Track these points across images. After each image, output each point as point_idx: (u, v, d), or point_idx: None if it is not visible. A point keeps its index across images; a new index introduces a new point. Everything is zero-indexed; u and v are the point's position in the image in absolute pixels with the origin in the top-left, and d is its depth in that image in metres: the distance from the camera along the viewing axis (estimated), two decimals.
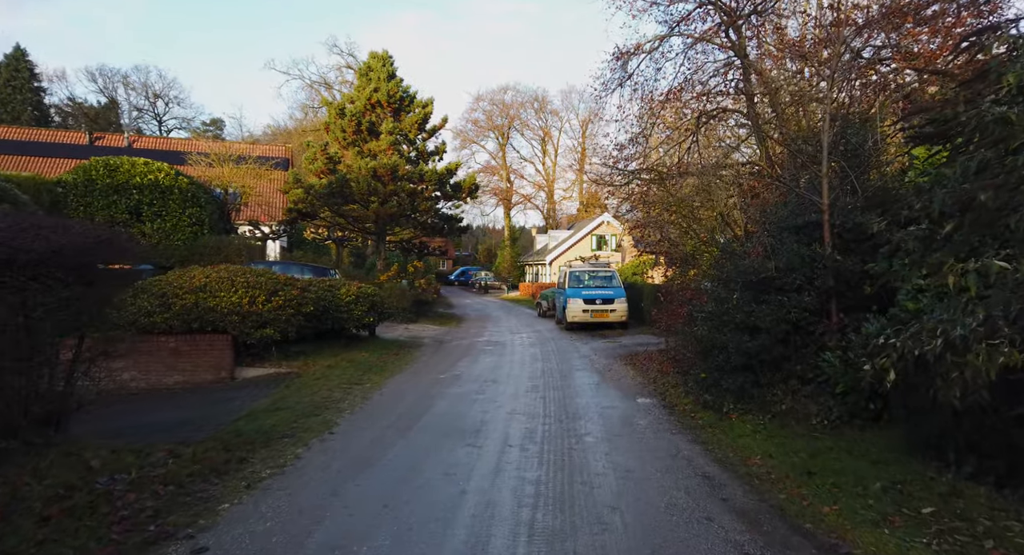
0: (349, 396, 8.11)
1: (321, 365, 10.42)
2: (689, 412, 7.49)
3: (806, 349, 6.93)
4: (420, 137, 21.80)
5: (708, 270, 9.84)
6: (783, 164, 8.39)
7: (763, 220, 7.41)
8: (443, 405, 7.82)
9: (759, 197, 8.62)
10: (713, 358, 7.57)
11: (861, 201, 6.63)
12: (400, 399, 8.12)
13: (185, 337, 9.58)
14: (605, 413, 7.52)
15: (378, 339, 14.06)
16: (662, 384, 9.33)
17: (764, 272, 7.05)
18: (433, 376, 10.05)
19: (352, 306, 12.01)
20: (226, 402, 7.93)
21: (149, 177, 17.40)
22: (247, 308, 9.82)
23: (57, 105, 50.66)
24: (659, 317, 11.64)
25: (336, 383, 8.99)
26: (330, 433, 6.22)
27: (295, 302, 10.46)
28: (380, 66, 20.72)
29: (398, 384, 9.21)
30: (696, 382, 8.07)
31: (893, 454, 5.11)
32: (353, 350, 11.94)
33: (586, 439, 6.24)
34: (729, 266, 7.71)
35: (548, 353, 13.11)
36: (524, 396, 8.42)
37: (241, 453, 5.23)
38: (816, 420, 6.26)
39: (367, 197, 18.41)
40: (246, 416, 6.90)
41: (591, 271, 19.23)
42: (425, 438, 6.19)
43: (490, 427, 6.65)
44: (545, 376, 10.15)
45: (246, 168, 21.07)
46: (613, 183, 11.76)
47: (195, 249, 17.43)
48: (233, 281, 9.92)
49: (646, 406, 7.97)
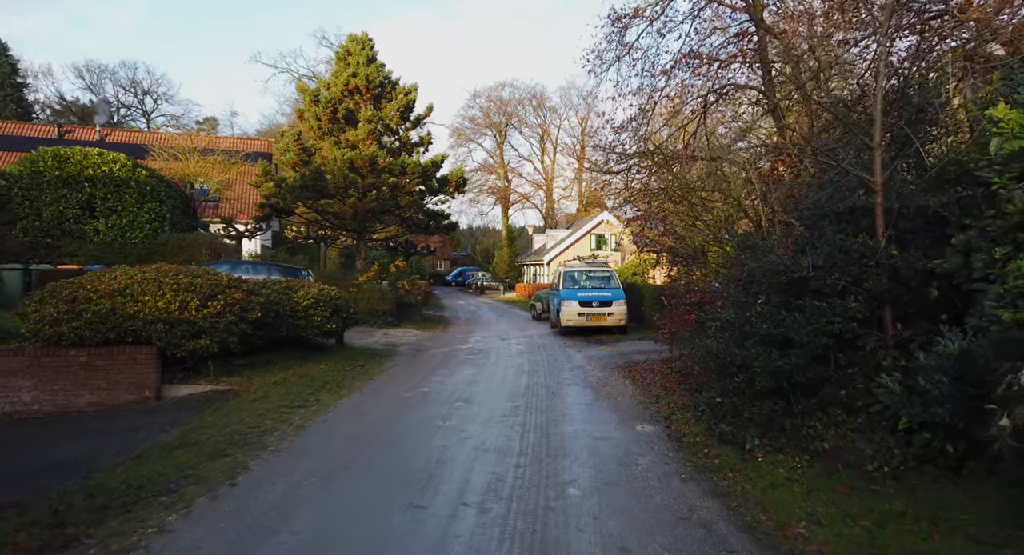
0: (283, 425, 6.61)
1: (267, 381, 8.91)
2: (701, 446, 5.98)
3: (852, 369, 5.43)
4: (403, 127, 20.26)
5: (719, 269, 8.33)
6: (809, 139, 6.89)
7: (794, 207, 5.90)
8: (396, 437, 6.32)
9: (782, 182, 7.11)
10: (731, 378, 6.06)
11: (924, 179, 5.13)
12: (344, 428, 6.62)
13: (101, 350, 8.07)
14: (597, 448, 6.01)
15: (346, 348, 12.55)
16: (667, 405, 7.83)
17: (797, 271, 5.55)
18: (397, 394, 8.55)
19: (311, 311, 10.51)
20: (130, 432, 6.44)
21: (103, 168, 15.92)
22: (176, 315, 8.31)
23: (42, 102, 49.26)
24: (663, 323, 10.15)
25: (275, 405, 7.48)
26: (231, 485, 4.72)
27: (238, 307, 8.95)
28: (359, 49, 19.16)
29: (351, 406, 7.70)
30: (709, 406, 6.57)
31: (1003, 529, 3.60)
32: (312, 362, 10.44)
33: (570, 492, 4.73)
34: (751, 264, 6.20)
35: (537, 363, 11.61)
36: (499, 423, 6.92)
37: (76, 529, 3.72)
38: (873, 466, 4.75)
39: (344, 191, 16.91)
40: (136, 457, 5.40)
41: (588, 271, 17.75)
42: (355, 491, 4.69)
43: (447, 472, 5.15)
44: (529, 393, 8.65)
45: (214, 160, 19.53)
46: (611, 170, 10.26)
47: (154, 247, 15.96)
48: (160, 283, 8.42)
49: (648, 436, 6.46)
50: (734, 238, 6.84)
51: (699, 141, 10.74)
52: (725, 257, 7.72)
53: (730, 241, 7.91)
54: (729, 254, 7.92)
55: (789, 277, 5.57)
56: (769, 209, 7.01)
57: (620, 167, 10.12)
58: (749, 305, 6.15)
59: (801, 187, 6.31)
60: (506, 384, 9.42)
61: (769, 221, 7.07)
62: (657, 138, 10.33)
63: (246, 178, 22.43)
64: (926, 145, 5.23)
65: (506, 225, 55.71)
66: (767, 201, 7.10)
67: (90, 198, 15.88)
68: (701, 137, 10.78)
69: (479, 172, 56.88)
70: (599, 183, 11.48)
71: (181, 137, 21.62)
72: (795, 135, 7.30)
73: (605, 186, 11.51)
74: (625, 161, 9.47)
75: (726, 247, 7.79)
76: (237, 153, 21.35)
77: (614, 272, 18.23)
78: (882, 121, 5.06)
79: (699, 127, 10.77)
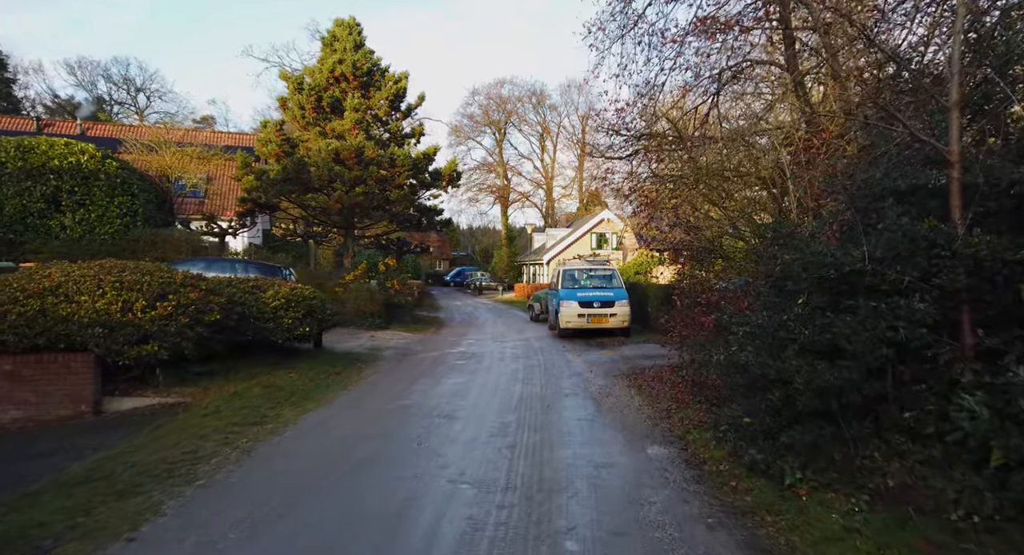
0: (227, 448, 5.55)
1: (225, 392, 7.85)
2: (727, 477, 4.92)
3: (919, 386, 4.36)
4: (393, 117, 19.17)
5: (743, 263, 7.27)
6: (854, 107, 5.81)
7: (842, 187, 4.83)
8: (357, 465, 5.25)
9: (818, 159, 6.03)
10: (763, 394, 5.01)
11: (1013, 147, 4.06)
12: (298, 454, 5.56)
13: (28, 358, 7.02)
14: (601, 479, 4.95)
15: (324, 353, 11.50)
16: (680, 421, 6.77)
17: (849, 264, 4.49)
18: (371, 408, 7.49)
19: (280, 313, 9.46)
20: (44, 458, 5.38)
21: (70, 159, 14.86)
22: (118, 317, 7.26)
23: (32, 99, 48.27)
24: (672, 325, 9.08)
25: (225, 423, 6.42)
26: (128, 539, 3.64)
27: (193, 308, 7.90)
28: (346, 34, 18.07)
29: (314, 424, 6.64)
30: (733, 427, 5.50)
31: None
32: (282, 369, 9.38)
33: (567, 547, 3.67)
34: (786, 257, 5.13)
35: (532, 369, 10.56)
36: (484, 445, 5.85)
37: None
38: (958, 514, 3.68)
39: (329, 184, 15.85)
40: (27, 494, 4.34)
41: (588, 270, 16.69)
42: (284, 554, 3.62)
43: (411, 517, 4.09)
44: (522, 407, 7.59)
45: (193, 152, 18.45)
46: (615, 156, 9.19)
47: (124, 244, 14.92)
48: (101, 281, 7.37)
49: (661, 462, 5.40)
50: (762, 227, 5.77)
51: (712, 125, 9.70)
52: (749, 250, 6.65)
53: (751, 232, 6.83)
54: (752, 246, 6.85)
55: (839, 272, 4.51)
56: (802, 192, 5.94)
57: (625, 153, 9.06)
58: (784, 307, 5.10)
59: (845, 165, 5.24)
60: (497, 395, 8.36)
61: (802, 208, 6.00)
62: (668, 117, 9.26)
63: (231, 173, 21.38)
64: (1012, 106, 4.16)
65: (505, 224, 54.74)
66: (799, 184, 6.03)
67: (56, 191, 14.82)
68: (714, 120, 9.73)
69: (478, 170, 55.98)
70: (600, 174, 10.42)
71: (158, 129, 20.58)
72: (836, 105, 6.23)
73: (608, 175, 10.44)
74: (633, 143, 8.40)
75: (748, 239, 6.72)
76: (216, 146, 20.26)
77: (616, 270, 17.18)
78: (961, 75, 3.99)
79: (711, 109, 9.72)
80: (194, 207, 22.15)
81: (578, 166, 51.51)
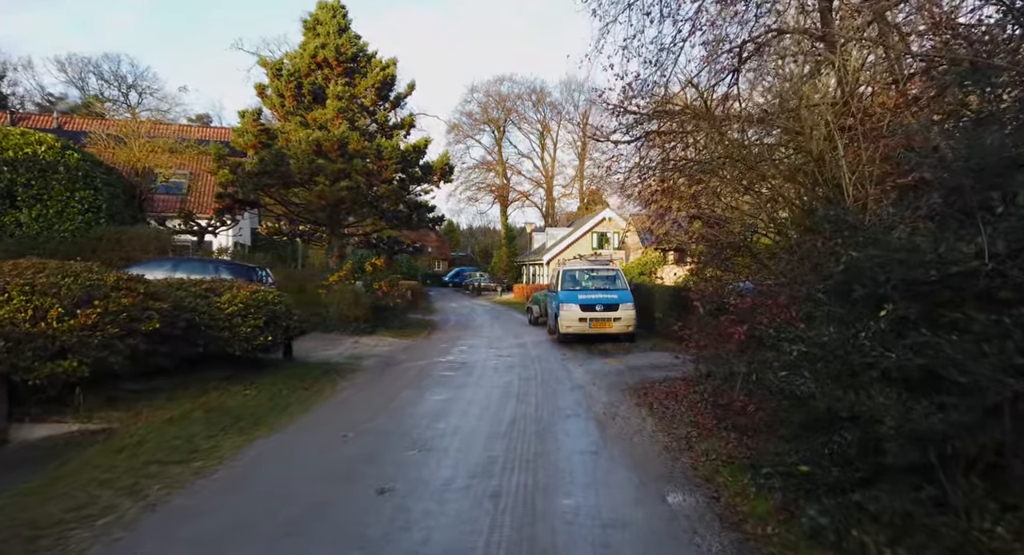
0: (126, 501, 4.31)
1: (160, 416, 6.62)
2: (779, 545, 3.68)
3: None
4: (381, 107, 17.94)
5: (776, 263, 6.02)
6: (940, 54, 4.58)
7: (935, 158, 3.59)
8: (291, 527, 4.02)
9: (879, 142, 4.80)
10: (828, 436, 3.77)
11: None
12: (216, 508, 4.32)
13: None
14: (611, 546, 3.72)
15: (294, 364, 10.28)
16: (704, 453, 5.55)
17: (956, 263, 3.25)
18: (334, 436, 6.25)
19: (237, 320, 8.23)
20: None
21: (25, 150, 13.64)
22: (26, 327, 6.03)
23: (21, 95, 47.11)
24: (688, 334, 7.85)
25: (143, 461, 5.19)
26: None
27: (124, 316, 6.68)
28: (330, 17, 16.83)
29: (254, 459, 5.41)
30: (782, 473, 4.26)
31: None
32: (240, 384, 8.15)
33: None
34: (853, 254, 3.88)
35: (528, 382, 9.34)
36: (461, 493, 4.62)
37: None
38: None
39: (310, 178, 14.64)
40: None
41: (590, 270, 15.49)
42: None
43: None
44: (513, 433, 6.37)
45: (164, 143, 17.21)
46: (622, 140, 7.96)
47: (85, 243, 13.70)
48: (6, 284, 6.15)
49: (688, 519, 4.16)
50: (818, 216, 4.51)
51: (729, 107, 8.47)
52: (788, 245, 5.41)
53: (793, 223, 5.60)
54: (791, 241, 5.61)
55: (942, 273, 3.28)
56: (860, 172, 4.70)
57: (634, 135, 7.81)
58: (853, 319, 3.85)
59: (936, 132, 3.99)
60: (485, 417, 7.14)
61: (860, 192, 4.76)
62: (680, 99, 8.02)
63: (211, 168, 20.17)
64: None
65: (504, 224, 53.64)
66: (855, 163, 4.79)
67: (10, 184, 13.61)
68: (732, 102, 8.51)
69: (478, 169, 54.92)
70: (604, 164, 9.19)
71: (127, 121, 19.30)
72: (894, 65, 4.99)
73: (611, 164, 9.17)
74: (644, 123, 7.16)
75: (789, 232, 5.48)
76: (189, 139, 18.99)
77: (620, 271, 15.95)
78: None
79: (731, 88, 8.49)
80: (174, 204, 20.94)
81: (579, 165, 50.40)
